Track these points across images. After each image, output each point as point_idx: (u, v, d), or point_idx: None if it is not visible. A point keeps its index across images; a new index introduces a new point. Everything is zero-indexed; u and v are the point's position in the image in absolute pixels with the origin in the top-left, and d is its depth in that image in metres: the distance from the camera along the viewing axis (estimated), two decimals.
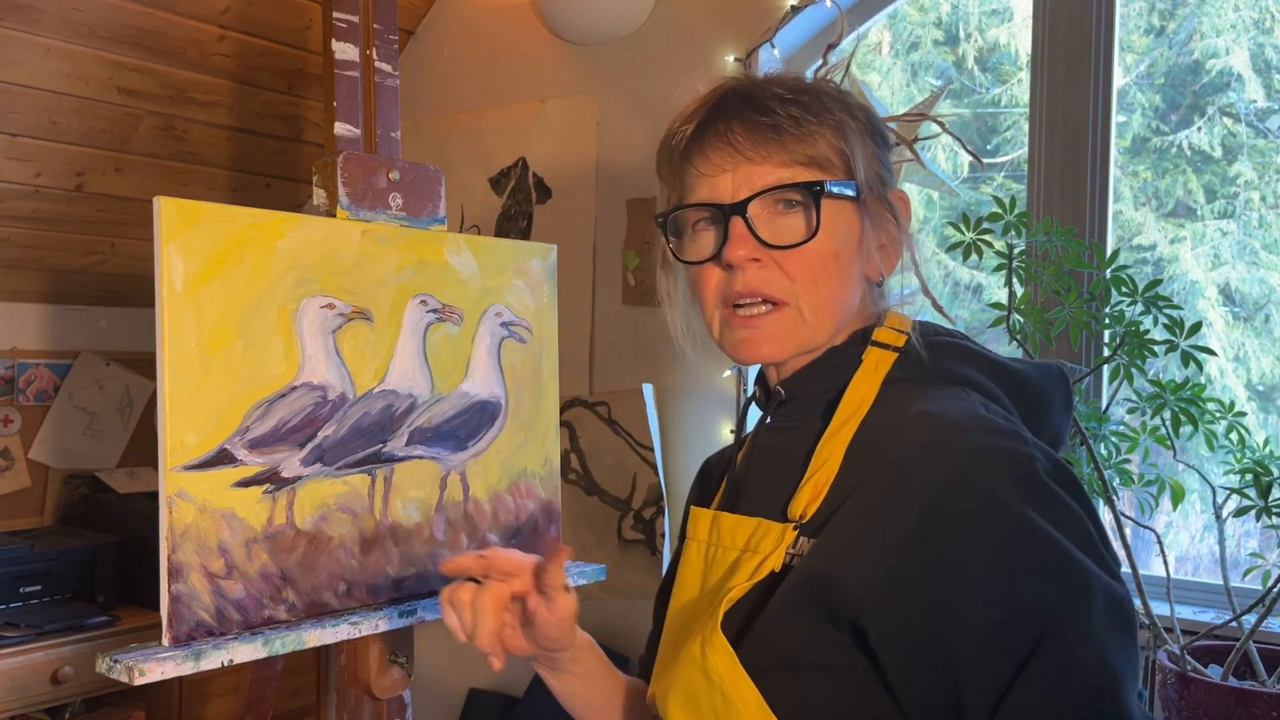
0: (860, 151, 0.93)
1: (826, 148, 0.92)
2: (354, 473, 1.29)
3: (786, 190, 0.90)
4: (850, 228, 0.93)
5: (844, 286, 0.93)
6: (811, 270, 0.91)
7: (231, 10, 2.39)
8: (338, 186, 1.32)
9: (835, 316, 0.94)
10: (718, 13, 2.32)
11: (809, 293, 0.91)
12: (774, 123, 0.91)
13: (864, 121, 0.95)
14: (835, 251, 0.92)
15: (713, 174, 0.93)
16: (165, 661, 1.08)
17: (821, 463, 0.90)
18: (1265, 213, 2.12)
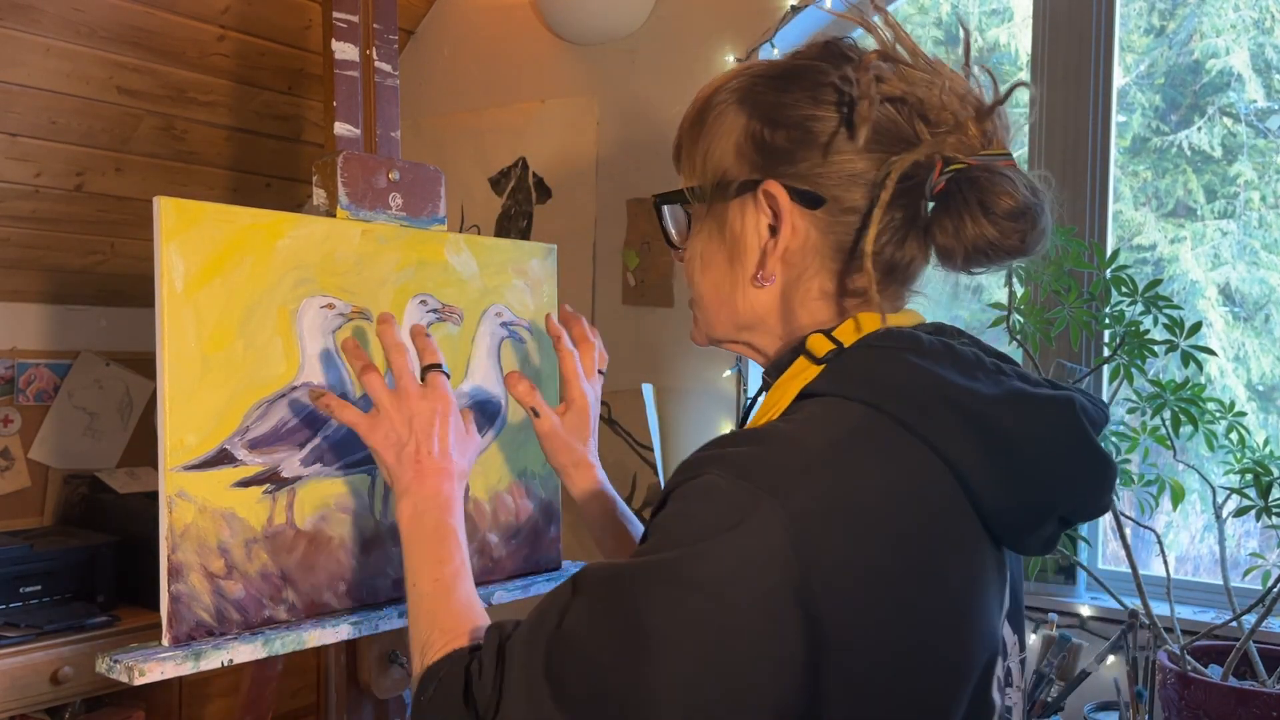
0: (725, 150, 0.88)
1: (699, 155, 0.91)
2: (354, 473, 1.29)
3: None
4: (706, 229, 0.91)
5: (715, 288, 0.91)
6: (688, 271, 0.95)
7: (231, 10, 2.39)
8: (338, 186, 1.32)
9: (720, 315, 0.92)
10: (718, 13, 2.32)
11: (692, 291, 0.95)
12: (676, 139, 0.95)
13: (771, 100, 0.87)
14: (696, 254, 0.93)
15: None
16: (165, 661, 1.08)
17: None
18: (1265, 213, 2.12)
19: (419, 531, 1.03)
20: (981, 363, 0.82)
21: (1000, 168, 0.82)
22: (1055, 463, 0.80)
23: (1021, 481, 0.79)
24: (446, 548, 1.02)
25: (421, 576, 1.00)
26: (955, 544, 0.78)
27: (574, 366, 1.25)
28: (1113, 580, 1.79)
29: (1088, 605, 1.88)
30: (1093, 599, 1.90)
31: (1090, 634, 1.84)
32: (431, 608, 0.97)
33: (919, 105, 0.85)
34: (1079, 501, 0.82)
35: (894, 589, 0.74)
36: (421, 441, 1.06)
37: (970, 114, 0.85)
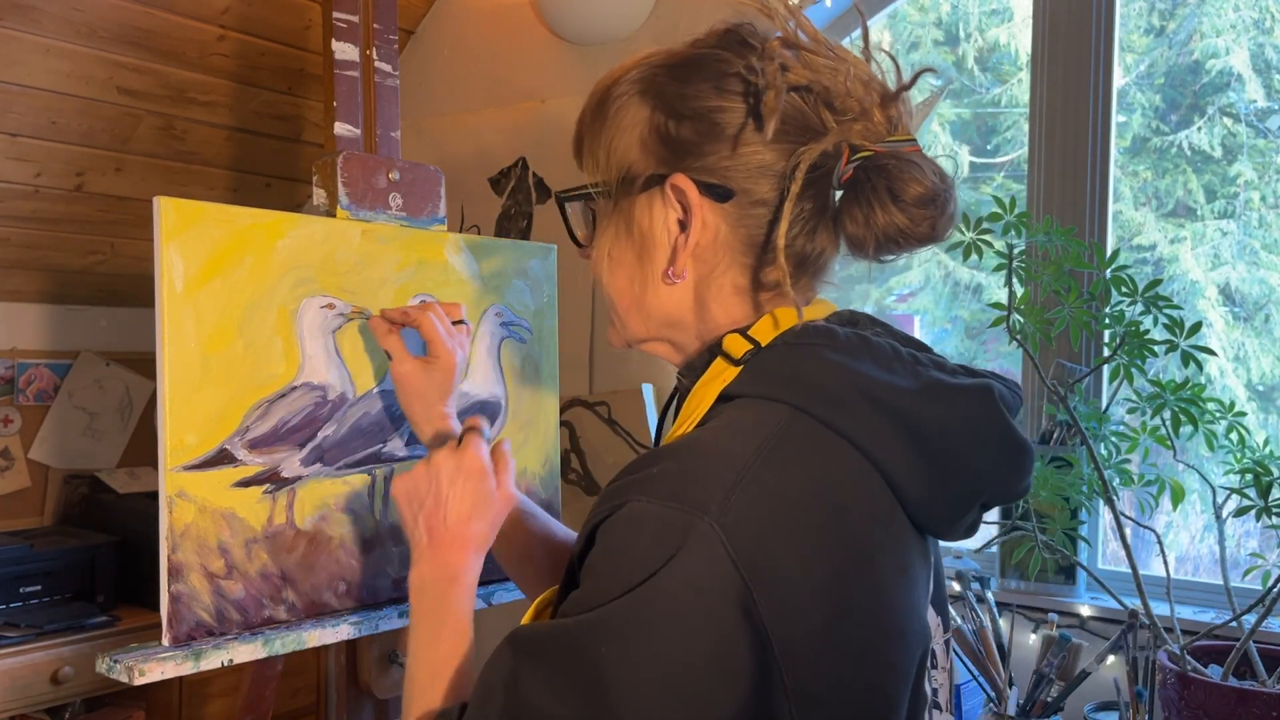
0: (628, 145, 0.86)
1: (601, 151, 0.88)
2: (354, 473, 1.29)
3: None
4: (612, 227, 0.88)
5: (626, 288, 0.88)
6: (596, 272, 0.92)
7: (231, 10, 2.39)
8: (338, 186, 1.32)
9: (632, 315, 0.89)
10: (718, 13, 2.31)
11: (603, 292, 0.92)
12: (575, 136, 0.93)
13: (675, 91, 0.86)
14: (603, 252, 0.90)
15: None
16: (165, 661, 1.08)
17: None
18: (1265, 213, 2.12)
19: (419, 606, 0.99)
20: (898, 354, 0.81)
21: (906, 154, 0.80)
22: (976, 451, 0.80)
23: (944, 472, 0.79)
24: (441, 630, 0.96)
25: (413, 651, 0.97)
26: (886, 541, 0.78)
27: (435, 325, 1.22)
28: (1113, 580, 1.79)
29: (1088, 605, 1.88)
30: (1093, 599, 1.90)
31: (1090, 634, 1.84)
32: (409, 687, 0.95)
33: (824, 93, 0.83)
34: (1000, 487, 0.83)
35: (833, 594, 0.73)
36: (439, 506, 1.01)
37: (875, 100, 0.83)
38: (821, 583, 0.72)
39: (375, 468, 1.31)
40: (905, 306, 2.65)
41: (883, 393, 0.77)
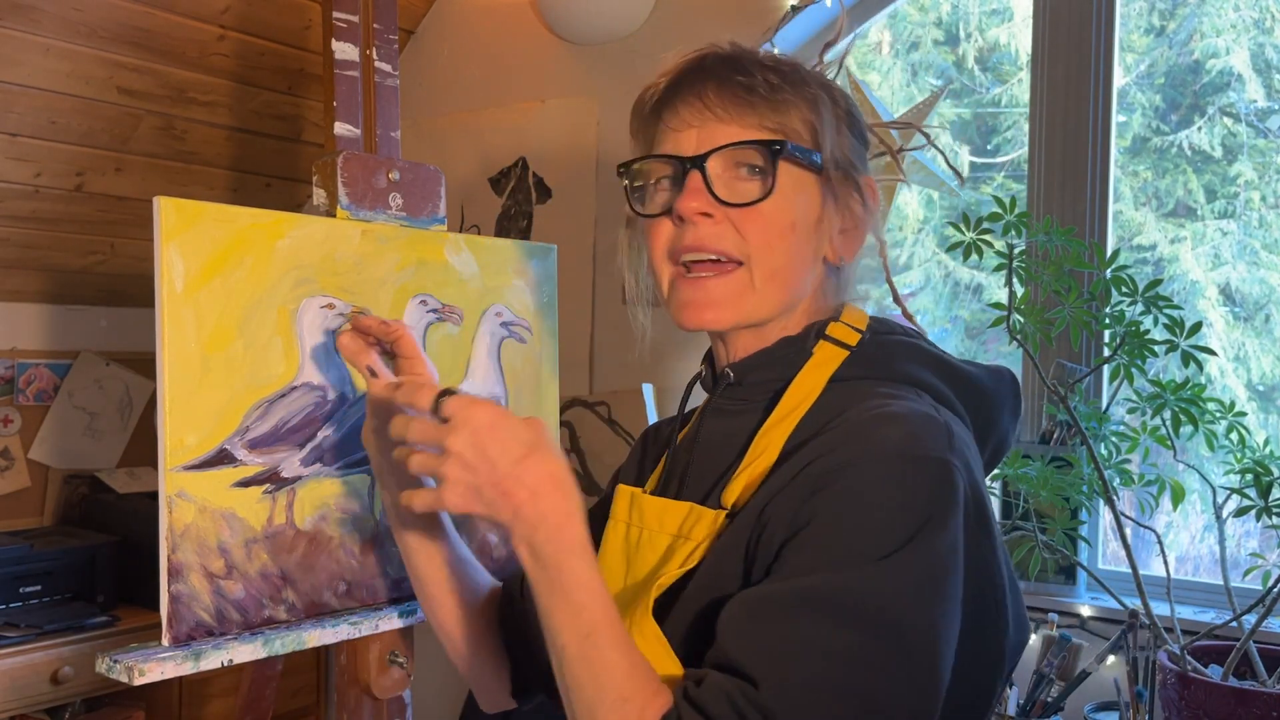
0: (831, 130, 0.92)
1: (798, 119, 0.90)
2: (354, 473, 1.29)
3: (747, 148, 0.89)
4: (810, 202, 0.91)
5: (798, 260, 0.91)
6: (766, 234, 0.89)
7: (231, 10, 2.39)
8: (338, 186, 1.32)
9: (785, 290, 0.91)
10: (718, 13, 2.32)
11: (761, 257, 0.89)
12: (749, 84, 0.90)
13: (843, 107, 0.95)
14: (792, 221, 0.90)
15: (679, 129, 0.92)
16: (165, 661, 1.08)
17: (759, 453, 0.89)
18: (1265, 213, 2.12)
19: (541, 577, 0.82)
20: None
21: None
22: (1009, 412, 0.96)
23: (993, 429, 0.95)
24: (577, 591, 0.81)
25: (563, 633, 0.81)
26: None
27: (414, 342, 1.12)
28: (1113, 580, 1.79)
29: (1088, 605, 1.88)
30: (1093, 599, 1.90)
31: (1090, 634, 1.84)
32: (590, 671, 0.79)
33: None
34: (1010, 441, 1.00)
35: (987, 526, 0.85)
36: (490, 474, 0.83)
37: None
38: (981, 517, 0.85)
39: None
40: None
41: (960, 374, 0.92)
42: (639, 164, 0.95)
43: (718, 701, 0.73)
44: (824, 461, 0.81)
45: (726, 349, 0.97)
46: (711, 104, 0.90)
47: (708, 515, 0.89)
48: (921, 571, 0.77)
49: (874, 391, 0.88)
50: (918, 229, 2.58)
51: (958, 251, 1.64)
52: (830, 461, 0.81)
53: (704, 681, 0.75)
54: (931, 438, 0.81)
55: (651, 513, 0.95)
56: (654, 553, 0.93)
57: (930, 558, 0.77)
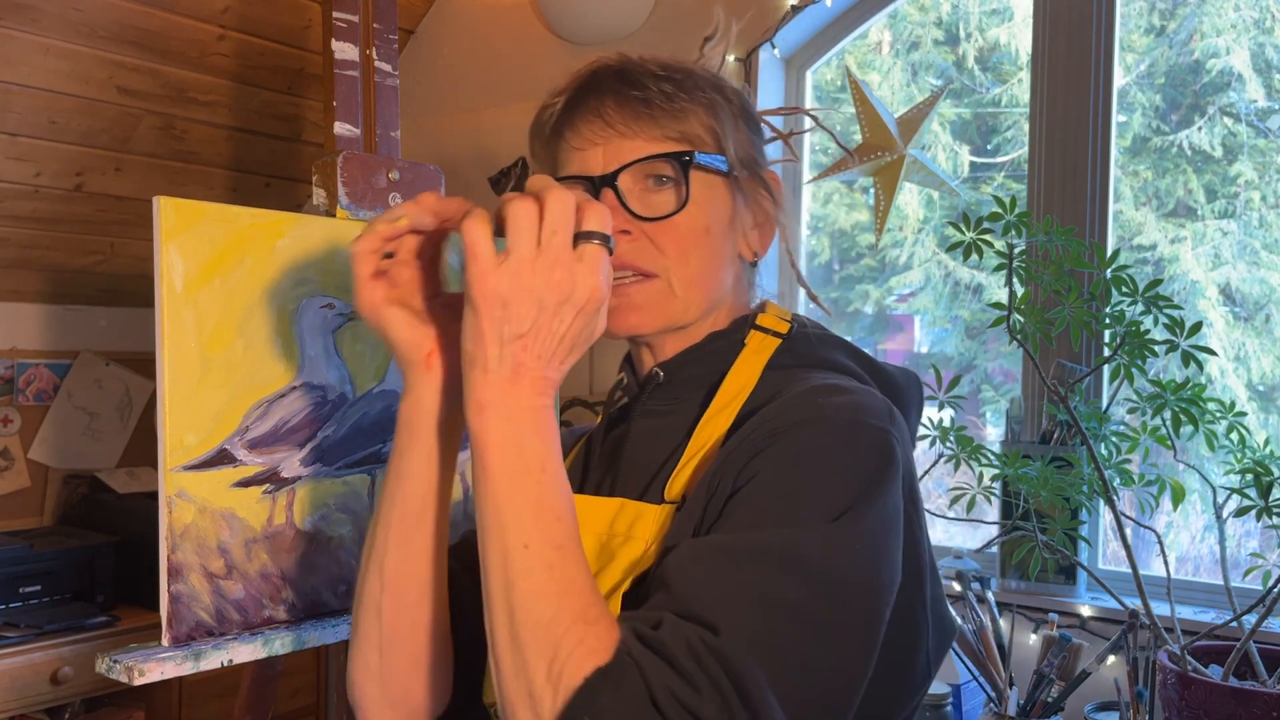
0: (732, 130, 0.93)
1: (698, 125, 0.92)
2: (354, 473, 1.29)
3: (656, 161, 0.89)
4: (722, 204, 0.93)
5: (716, 262, 0.92)
6: (682, 243, 0.90)
7: (231, 10, 2.39)
8: (337, 186, 1.32)
9: (707, 292, 0.92)
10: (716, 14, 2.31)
11: (680, 266, 0.90)
12: (645, 97, 0.90)
13: (737, 104, 0.96)
14: (706, 226, 0.91)
15: (583, 148, 0.92)
16: (165, 661, 1.08)
17: (701, 444, 0.89)
18: (1265, 212, 2.12)
19: (519, 466, 0.74)
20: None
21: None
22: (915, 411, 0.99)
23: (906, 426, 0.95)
24: (560, 494, 0.76)
25: (532, 534, 0.73)
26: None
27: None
28: (1113, 580, 1.79)
29: (1088, 605, 1.88)
30: (1093, 599, 1.90)
31: (1090, 634, 1.84)
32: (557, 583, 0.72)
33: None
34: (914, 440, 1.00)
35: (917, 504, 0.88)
36: (542, 332, 0.75)
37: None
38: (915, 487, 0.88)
39: (375, 468, 1.31)
40: (905, 306, 2.64)
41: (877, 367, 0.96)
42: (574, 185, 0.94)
43: (676, 644, 0.70)
44: (770, 424, 0.82)
45: (653, 352, 0.97)
46: (613, 120, 0.91)
47: (650, 511, 0.88)
48: (867, 532, 0.78)
49: (810, 376, 0.90)
50: (918, 229, 2.58)
51: (958, 251, 1.63)
52: (777, 423, 0.82)
53: (661, 625, 0.72)
54: (874, 410, 0.84)
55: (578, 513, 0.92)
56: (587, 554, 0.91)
57: (874, 519, 0.79)
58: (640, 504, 0.90)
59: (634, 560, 0.86)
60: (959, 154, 2.49)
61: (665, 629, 0.71)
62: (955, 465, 1.68)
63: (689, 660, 0.69)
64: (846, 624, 0.76)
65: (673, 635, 0.70)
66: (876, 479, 0.80)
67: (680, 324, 0.93)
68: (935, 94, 2.10)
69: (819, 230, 2.56)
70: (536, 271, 0.73)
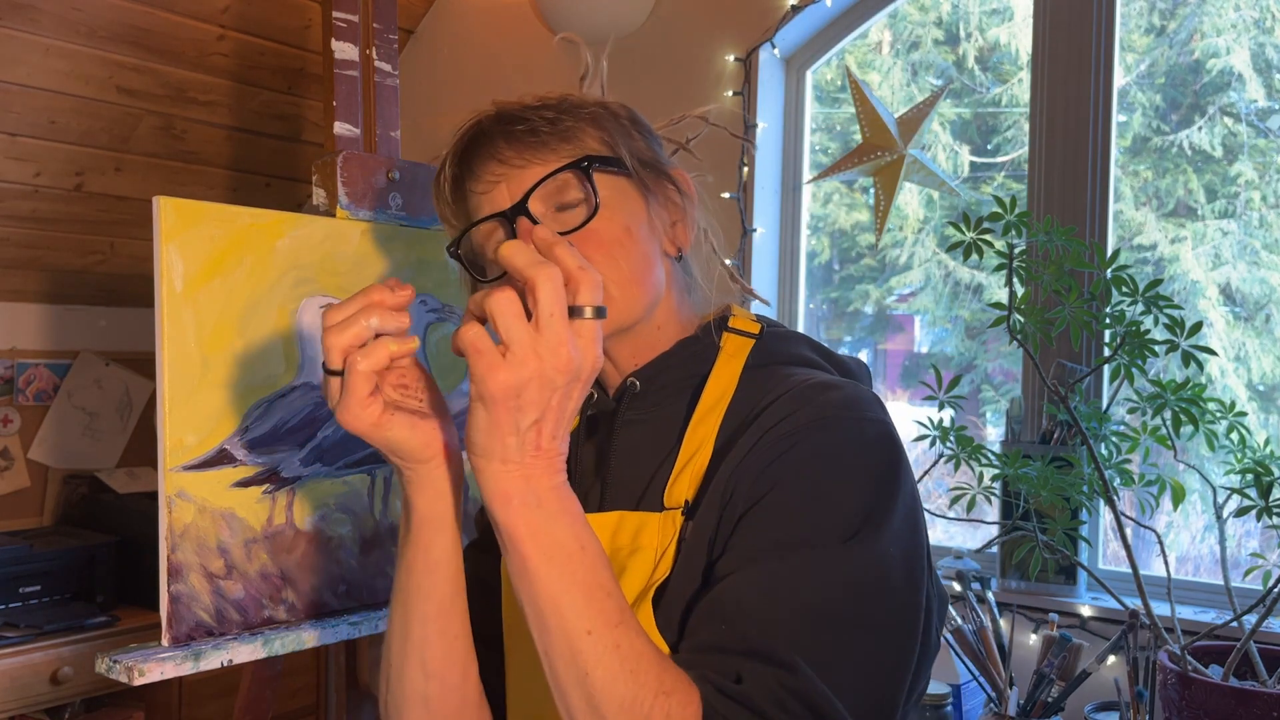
0: (624, 138, 0.96)
1: (589, 139, 0.94)
2: (354, 473, 1.29)
3: (558, 177, 0.91)
4: (634, 205, 0.94)
5: (644, 262, 0.93)
6: (607, 248, 0.91)
7: (231, 10, 2.39)
8: (337, 186, 1.32)
9: (644, 290, 0.93)
10: (718, 13, 2.32)
11: (611, 270, 0.90)
12: (531, 128, 0.93)
13: (625, 115, 0.98)
14: (625, 226, 0.92)
15: (487, 190, 0.94)
16: (165, 661, 1.08)
17: (694, 448, 0.91)
18: (1266, 212, 2.12)
19: (559, 552, 0.74)
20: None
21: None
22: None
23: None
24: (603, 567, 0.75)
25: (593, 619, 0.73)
26: None
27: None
28: (1113, 580, 1.79)
29: (1088, 605, 1.88)
30: (1093, 599, 1.90)
31: (1091, 634, 1.84)
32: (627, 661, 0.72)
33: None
34: None
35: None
36: (553, 413, 0.74)
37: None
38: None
39: (375, 468, 1.31)
40: (905, 306, 2.64)
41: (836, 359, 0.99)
42: (469, 234, 0.95)
43: (762, 696, 0.73)
44: (776, 430, 0.85)
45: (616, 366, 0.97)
46: (506, 156, 0.93)
47: (653, 520, 0.89)
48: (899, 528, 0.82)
49: (789, 372, 0.92)
50: (918, 229, 2.58)
51: (958, 251, 1.63)
52: (782, 429, 0.85)
53: (742, 679, 0.74)
54: (868, 402, 0.87)
55: None
56: None
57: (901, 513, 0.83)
58: (640, 514, 0.90)
59: (646, 570, 0.88)
60: (959, 154, 2.49)
61: (747, 682, 0.74)
62: (955, 465, 1.68)
63: (777, 710, 0.73)
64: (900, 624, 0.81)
65: (756, 687, 0.73)
66: (892, 472, 0.84)
67: (625, 325, 0.93)
68: (935, 94, 2.10)
69: (819, 230, 2.56)
70: (543, 357, 0.72)
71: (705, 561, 0.85)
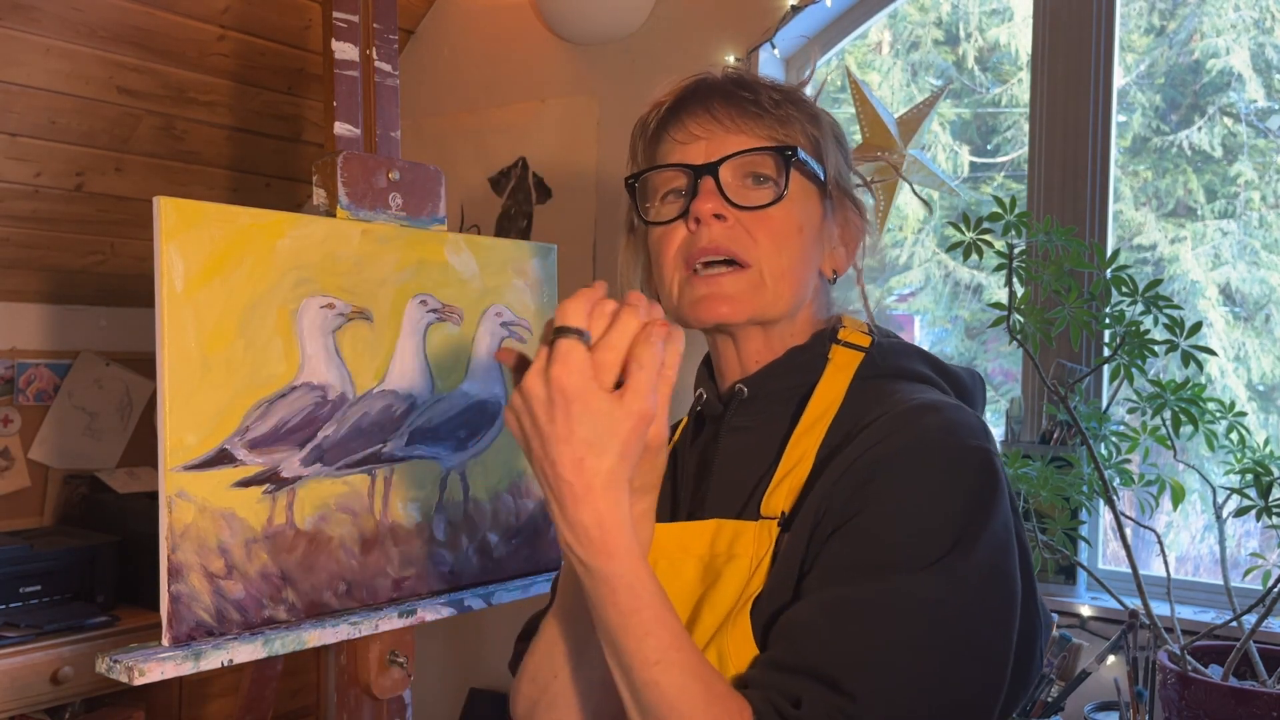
0: (830, 147, 0.97)
1: (801, 134, 0.94)
2: (354, 473, 1.29)
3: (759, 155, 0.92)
4: (814, 210, 0.95)
5: (805, 263, 0.94)
6: (776, 236, 0.92)
7: (231, 10, 2.39)
8: (338, 186, 1.32)
9: (795, 289, 0.94)
10: (718, 13, 2.32)
11: (772, 257, 0.91)
12: (755, 98, 0.93)
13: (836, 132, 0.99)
14: (799, 225, 0.93)
15: (687, 142, 0.94)
16: (165, 661, 1.08)
17: (795, 459, 0.90)
18: (1265, 212, 2.12)
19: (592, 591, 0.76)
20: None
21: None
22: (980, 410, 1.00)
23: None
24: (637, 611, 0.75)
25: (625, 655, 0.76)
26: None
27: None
28: (1113, 580, 1.79)
29: (1088, 605, 1.88)
30: (1093, 599, 1.90)
31: (1090, 634, 1.84)
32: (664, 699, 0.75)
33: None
34: None
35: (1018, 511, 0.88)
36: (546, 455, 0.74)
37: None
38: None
39: (375, 468, 1.31)
40: (905, 306, 2.64)
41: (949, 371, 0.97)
42: (650, 174, 0.96)
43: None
44: (872, 453, 0.84)
45: (739, 358, 0.97)
46: (720, 115, 0.93)
47: (749, 529, 0.89)
48: (984, 558, 0.80)
49: (895, 388, 0.91)
50: (918, 229, 2.58)
51: (958, 251, 1.64)
52: (878, 452, 0.83)
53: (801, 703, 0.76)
54: (970, 428, 0.85)
55: (669, 540, 0.93)
56: (680, 579, 0.92)
57: (989, 543, 0.81)
58: (738, 522, 0.91)
59: (742, 578, 0.88)
60: (959, 154, 2.49)
61: (805, 706, 0.75)
62: None
63: None
64: (977, 654, 0.79)
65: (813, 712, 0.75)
66: (985, 501, 0.82)
67: (767, 317, 0.94)
68: (935, 94, 2.10)
69: None
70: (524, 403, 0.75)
71: (797, 576, 0.84)
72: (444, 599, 1.36)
